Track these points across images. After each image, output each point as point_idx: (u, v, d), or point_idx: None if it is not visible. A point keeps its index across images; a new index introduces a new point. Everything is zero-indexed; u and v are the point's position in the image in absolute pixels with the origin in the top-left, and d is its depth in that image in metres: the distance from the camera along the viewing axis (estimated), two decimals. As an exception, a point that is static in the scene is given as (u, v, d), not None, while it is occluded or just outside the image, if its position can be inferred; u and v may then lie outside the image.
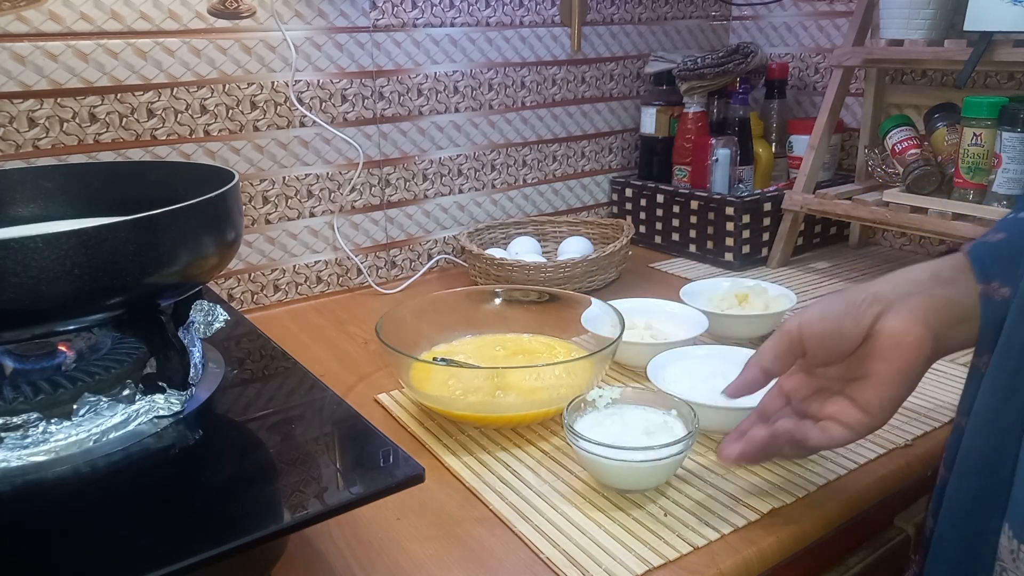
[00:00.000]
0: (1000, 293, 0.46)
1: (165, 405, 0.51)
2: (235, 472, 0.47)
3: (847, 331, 0.49)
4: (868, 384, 0.49)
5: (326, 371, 0.82)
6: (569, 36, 1.20)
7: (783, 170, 1.27)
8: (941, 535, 0.49)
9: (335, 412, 0.53)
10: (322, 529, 0.55)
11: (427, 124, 1.09)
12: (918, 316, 0.48)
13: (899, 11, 0.99)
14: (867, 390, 0.49)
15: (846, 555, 0.66)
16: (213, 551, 0.38)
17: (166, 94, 0.88)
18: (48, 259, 0.42)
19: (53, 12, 0.81)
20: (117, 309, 0.48)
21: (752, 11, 1.38)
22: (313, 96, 0.98)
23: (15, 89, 0.80)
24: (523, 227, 1.18)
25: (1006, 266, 0.47)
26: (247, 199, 0.97)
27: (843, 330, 0.49)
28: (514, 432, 0.68)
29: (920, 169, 0.99)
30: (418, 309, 0.80)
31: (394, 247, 1.11)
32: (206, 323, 0.59)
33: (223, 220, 0.53)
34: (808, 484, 0.60)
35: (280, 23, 0.93)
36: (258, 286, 1.00)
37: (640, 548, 0.53)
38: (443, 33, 1.07)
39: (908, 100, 1.16)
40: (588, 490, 0.60)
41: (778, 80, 1.26)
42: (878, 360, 0.49)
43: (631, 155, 1.34)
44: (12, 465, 0.45)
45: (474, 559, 0.53)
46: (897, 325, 0.48)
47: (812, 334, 0.50)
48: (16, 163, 0.81)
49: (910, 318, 0.48)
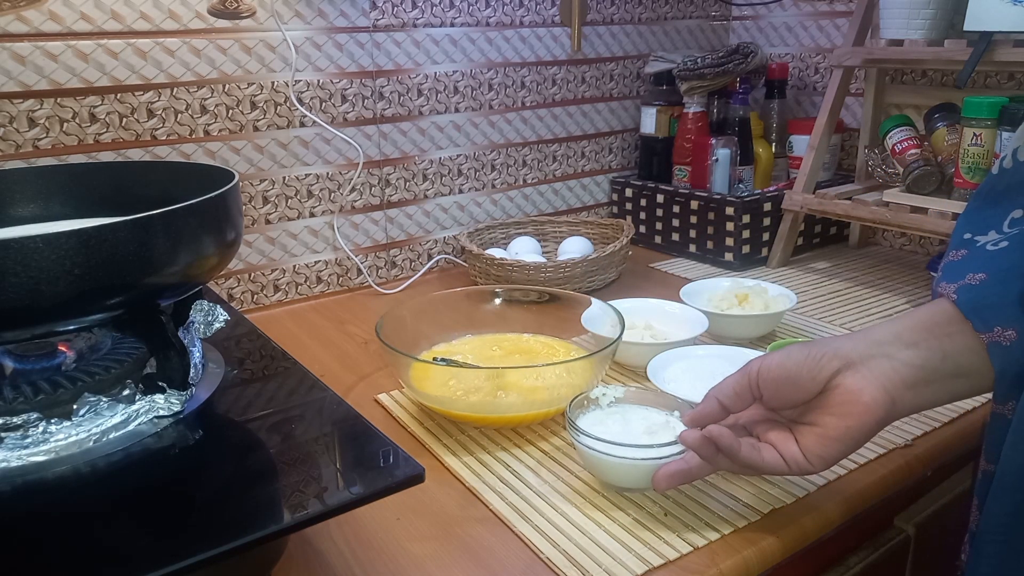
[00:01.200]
0: (1007, 336, 0.46)
1: (165, 405, 0.51)
2: (235, 472, 0.47)
3: (803, 382, 0.50)
4: (815, 432, 0.50)
5: (326, 371, 0.82)
6: (569, 36, 1.20)
7: (783, 170, 1.27)
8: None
9: (335, 412, 0.53)
10: (322, 529, 0.56)
11: (427, 124, 1.09)
12: (877, 378, 0.48)
13: (899, 11, 0.99)
14: (812, 438, 0.50)
15: (846, 555, 0.66)
16: (213, 551, 0.38)
17: (166, 94, 0.88)
18: (48, 259, 0.42)
19: (53, 12, 0.81)
20: (117, 309, 0.48)
21: (752, 11, 1.38)
22: (313, 96, 0.98)
23: (15, 89, 0.80)
24: (523, 227, 1.18)
25: (1001, 310, 0.46)
26: (247, 199, 0.97)
27: (799, 381, 0.50)
28: (514, 432, 0.68)
29: (920, 169, 0.99)
30: (418, 309, 0.80)
31: (394, 247, 1.11)
32: (206, 323, 0.59)
33: (223, 220, 0.53)
34: (808, 484, 0.60)
35: (280, 23, 0.93)
36: (258, 286, 1.00)
37: (640, 548, 0.53)
38: (443, 33, 1.07)
39: (908, 100, 1.16)
40: (588, 490, 0.60)
41: (778, 80, 1.26)
42: (830, 414, 0.49)
43: (631, 155, 1.34)
44: (12, 465, 0.45)
45: (474, 559, 0.53)
46: (854, 384, 0.48)
47: (768, 379, 0.51)
48: (16, 163, 0.81)
49: (869, 378, 0.48)
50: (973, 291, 0.48)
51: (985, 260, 0.49)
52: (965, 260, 0.50)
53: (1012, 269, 0.47)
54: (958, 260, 0.51)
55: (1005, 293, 0.46)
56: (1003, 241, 0.49)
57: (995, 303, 0.47)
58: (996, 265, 0.48)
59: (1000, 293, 0.47)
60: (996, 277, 0.48)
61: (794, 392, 0.51)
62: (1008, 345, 0.46)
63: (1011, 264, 0.48)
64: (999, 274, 0.48)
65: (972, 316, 0.47)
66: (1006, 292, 0.46)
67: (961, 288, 0.48)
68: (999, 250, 0.49)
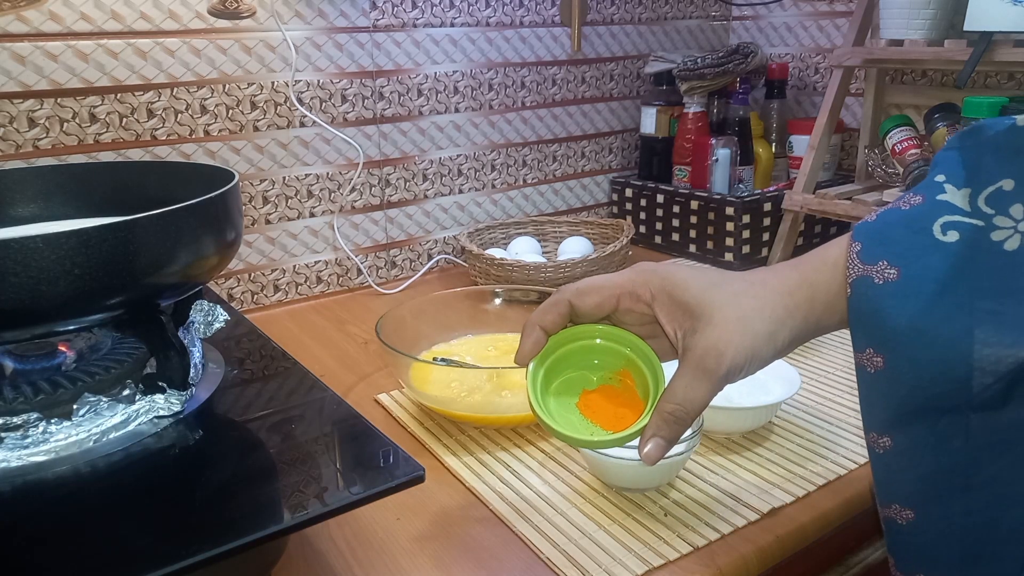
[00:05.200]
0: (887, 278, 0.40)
1: (165, 405, 0.51)
2: (235, 472, 0.47)
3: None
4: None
5: (326, 371, 0.82)
6: (569, 36, 1.20)
7: (783, 170, 1.27)
8: None
9: (335, 412, 0.53)
10: (322, 529, 0.55)
11: (427, 124, 1.09)
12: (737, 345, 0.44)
13: (899, 11, 0.99)
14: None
15: (846, 555, 0.66)
16: (213, 551, 0.38)
17: (166, 94, 0.88)
18: (48, 259, 0.42)
19: (53, 12, 0.81)
20: (117, 309, 0.48)
21: (752, 11, 1.38)
22: (313, 96, 0.98)
23: (15, 89, 0.80)
24: (523, 227, 1.18)
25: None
26: (247, 199, 0.97)
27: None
28: (514, 432, 0.68)
29: (920, 169, 0.99)
30: (418, 309, 0.80)
31: (394, 247, 1.11)
32: (206, 323, 0.59)
33: (223, 220, 0.53)
34: (808, 484, 0.60)
35: (280, 23, 0.93)
36: (258, 286, 1.00)
37: (640, 548, 0.53)
38: (443, 33, 1.07)
39: (908, 100, 1.16)
40: (588, 490, 0.60)
41: (778, 80, 1.26)
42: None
43: (631, 155, 1.34)
44: (12, 465, 0.45)
45: (474, 559, 0.53)
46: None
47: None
48: (16, 163, 0.81)
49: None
50: (877, 294, 0.40)
51: (919, 250, 0.40)
52: (893, 231, 0.42)
53: (938, 280, 0.39)
54: (899, 210, 0.42)
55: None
56: (952, 232, 0.40)
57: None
58: (924, 264, 0.40)
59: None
60: (911, 284, 0.40)
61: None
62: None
63: (941, 273, 0.39)
64: (916, 282, 0.39)
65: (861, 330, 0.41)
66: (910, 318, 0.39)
67: (859, 281, 0.41)
68: (943, 245, 0.40)
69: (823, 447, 0.65)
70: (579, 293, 0.48)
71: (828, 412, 0.71)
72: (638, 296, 0.47)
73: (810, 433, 0.67)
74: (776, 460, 0.63)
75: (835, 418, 0.70)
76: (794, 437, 0.67)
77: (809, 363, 0.80)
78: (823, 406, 0.72)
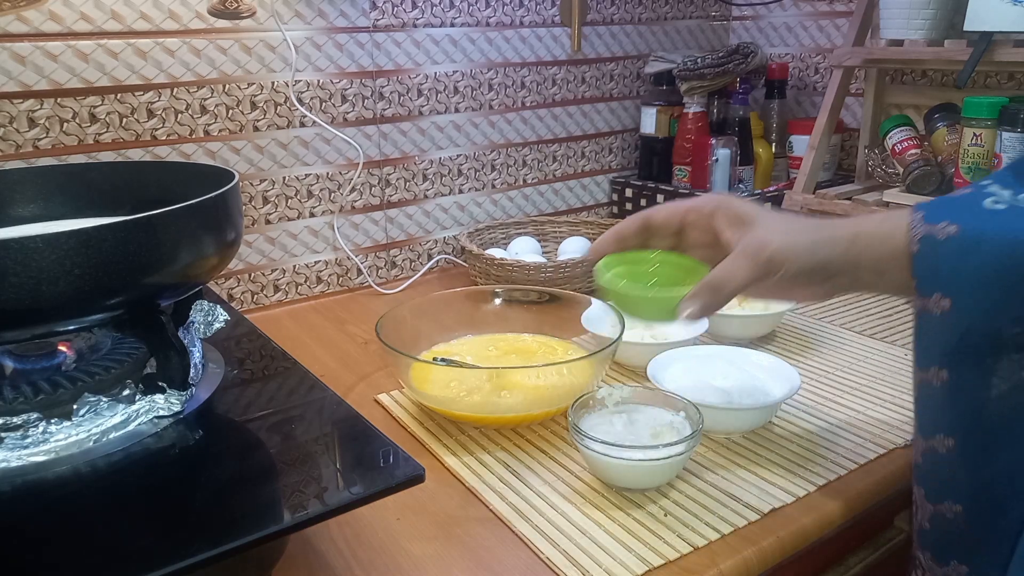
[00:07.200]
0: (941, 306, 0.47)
1: (165, 405, 0.51)
2: (235, 472, 0.47)
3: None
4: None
5: (326, 371, 0.82)
6: (569, 36, 1.20)
7: (783, 170, 1.27)
8: None
9: (335, 412, 0.53)
10: (322, 529, 0.55)
11: (427, 124, 1.09)
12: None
13: (899, 11, 0.99)
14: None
15: (846, 555, 0.66)
16: (213, 551, 0.38)
17: (166, 94, 0.88)
18: (48, 259, 0.42)
19: (53, 12, 0.81)
20: (117, 309, 0.48)
21: (752, 11, 1.38)
22: (313, 96, 0.98)
23: (15, 89, 0.80)
24: (523, 227, 1.18)
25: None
26: (247, 199, 0.97)
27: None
28: (514, 432, 0.68)
29: (920, 169, 0.99)
30: (418, 309, 0.80)
31: (394, 247, 1.11)
32: (206, 323, 0.59)
33: (223, 220, 0.53)
34: (808, 484, 0.60)
35: (280, 23, 0.93)
36: (258, 286, 1.00)
37: (640, 548, 0.53)
38: (443, 33, 1.07)
39: (908, 100, 1.16)
40: (588, 490, 0.60)
41: (778, 80, 1.26)
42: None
43: (631, 155, 1.34)
44: (12, 465, 0.45)
45: (474, 559, 0.53)
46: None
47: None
48: (16, 163, 0.81)
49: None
50: (937, 248, 0.46)
51: (973, 215, 0.46)
52: (952, 203, 0.49)
53: (990, 233, 0.45)
54: (952, 195, 0.50)
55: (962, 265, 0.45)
56: (999, 205, 0.46)
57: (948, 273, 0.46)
58: (980, 221, 0.46)
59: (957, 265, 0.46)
60: (968, 236, 0.45)
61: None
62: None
63: (994, 228, 0.45)
64: (974, 234, 0.45)
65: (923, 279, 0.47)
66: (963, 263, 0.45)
67: (925, 238, 0.47)
68: (993, 211, 0.46)
69: (823, 447, 0.65)
70: (653, 208, 0.58)
71: (828, 412, 0.71)
72: (701, 209, 0.55)
73: (810, 433, 0.67)
74: (776, 460, 0.63)
75: (835, 418, 0.70)
76: (794, 437, 0.67)
77: (809, 363, 0.80)
78: (823, 406, 0.72)
